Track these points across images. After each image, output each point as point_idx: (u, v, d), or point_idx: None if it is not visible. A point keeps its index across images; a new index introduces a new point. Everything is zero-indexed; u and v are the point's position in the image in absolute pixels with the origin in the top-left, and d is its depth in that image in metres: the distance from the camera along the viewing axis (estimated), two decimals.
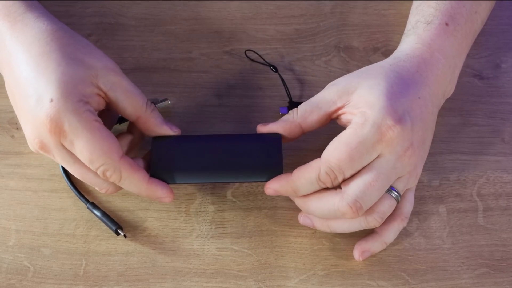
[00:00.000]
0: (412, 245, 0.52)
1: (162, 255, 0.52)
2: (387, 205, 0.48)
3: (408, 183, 0.49)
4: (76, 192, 0.54)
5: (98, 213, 0.53)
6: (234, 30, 0.64)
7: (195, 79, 0.61)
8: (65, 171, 0.55)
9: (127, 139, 0.52)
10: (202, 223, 0.54)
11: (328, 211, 0.48)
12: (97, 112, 0.48)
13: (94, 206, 0.53)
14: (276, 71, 0.61)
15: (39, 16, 0.50)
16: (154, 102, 0.57)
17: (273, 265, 0.52)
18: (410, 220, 0.53)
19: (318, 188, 0.48)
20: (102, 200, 0.55)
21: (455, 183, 0.56)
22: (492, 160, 0.57)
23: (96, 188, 0.50)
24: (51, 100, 0.45)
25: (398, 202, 0.49)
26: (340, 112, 0.50)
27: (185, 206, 0.54)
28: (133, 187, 0.49)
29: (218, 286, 0.51)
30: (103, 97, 0.49)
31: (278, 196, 0.55)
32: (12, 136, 0.58)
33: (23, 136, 0.58)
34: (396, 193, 0.49)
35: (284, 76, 0.61)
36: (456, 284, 0.51)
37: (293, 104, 0.58)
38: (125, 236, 0.52)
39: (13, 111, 0.59)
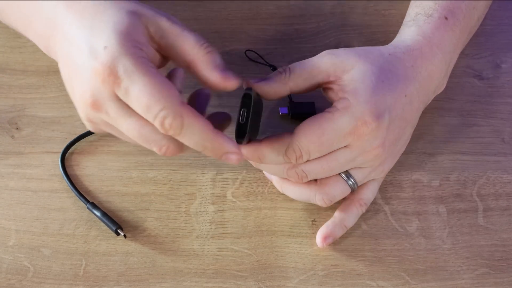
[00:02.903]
0: (412, 245, 0.52)
1: (162, 255, 0.52)
2: (339, 190, 0.51)
3: (369, 175, 0.51)
4: (76, 192, 0.54)
5: (98, 213, 0.53)
6: (234, 30, 0.64)
7: (196, 79, 0.61)
8: (65, 170, 0.55)
9: None
10: (202, 223, 0.54)
11: (277, 169, 0.50)
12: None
13: (94, 206, 0.53)
14: None
15: None
16: None
17: (273, 265, 0.52)
18: (410, 220, 0.53)
19: (282, 161, 0.48)
20: (102, 200, 0.55)
21: (455, 183, 0.56)
22: (492, 160, 0.57)
23: (155, 149, 0.44)
24: (105, 48, 0.42)
25: (353, 190, 0.51)
26: (330, 85, 0.49)
27: (185, 206, 0.54)
28: (196, 137, 0.42)
29: (218, 286, 0.51)
30: (157, 49, 0.46)
31: (278, 197, 0.55)
32: (12, 136, 0.58)
33: (23, 136, 0.58)
34: (352, 181, 0.50)
35: None
36: (456, 284, 0.51)
37: (293, 104, 0.58)
38: (125, 236, 0.52)
39: (13, 111, 0.59)
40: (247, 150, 0.48)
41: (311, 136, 0.47)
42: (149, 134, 0.43)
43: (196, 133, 0.42)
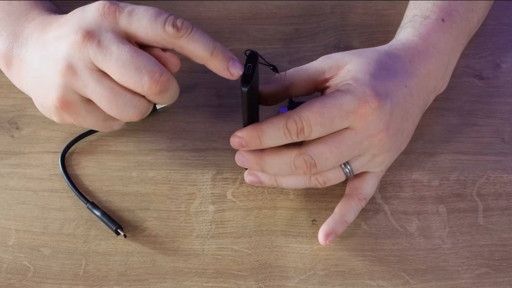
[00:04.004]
0: (412, 245, 0.52)
1: (162, 255, 0.52)
2: (333, 174, 0.50)
3: (367, 165, 0.50)
4: (76, 192, 0.54)
5: (98, 213, 0.53)
6: (234, 30, 0.64)
7: (195, 79, 0.61)
8: (65, 170, 0.55)
9: None
10: (202, 223, 0.54)
11: (283, 163, 0.48)
12: None
13: (94, 206, 0.53)
14: (276, 71, 0.61)
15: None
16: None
17: (273, 265, 0.52)
18: (410, 220, 0.53)
19: (283, 137, 0.47)
20: (102, 200, 0.55)
21: (455, 183, 0.56)
22: (492, 160, 0.57)
23: (145, 78, 0.44)
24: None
25: (347, 178, 0.50)
26: (326, 84, 0.50)
27: (185, 206, 0.54)
28: (204, 38, 0.46)
29: (218, 286, 0.51)
30: None
31: (278, 196, 0.55)
32: (12, 136, 0.58)
33: (23, 136, 0.58)
34: (349, 168, 0.50)
35: None
36: (456, 284, 0.51)
37: (293, 104, 0.58)
38: (125, 236, 0.52)
39: (13, 111, 0.59)
40: (246, 130, 0.47)
41: (312, 107, 0.46)
42: (141, 59, 0.44)
43: (204, 33, 0.46)
